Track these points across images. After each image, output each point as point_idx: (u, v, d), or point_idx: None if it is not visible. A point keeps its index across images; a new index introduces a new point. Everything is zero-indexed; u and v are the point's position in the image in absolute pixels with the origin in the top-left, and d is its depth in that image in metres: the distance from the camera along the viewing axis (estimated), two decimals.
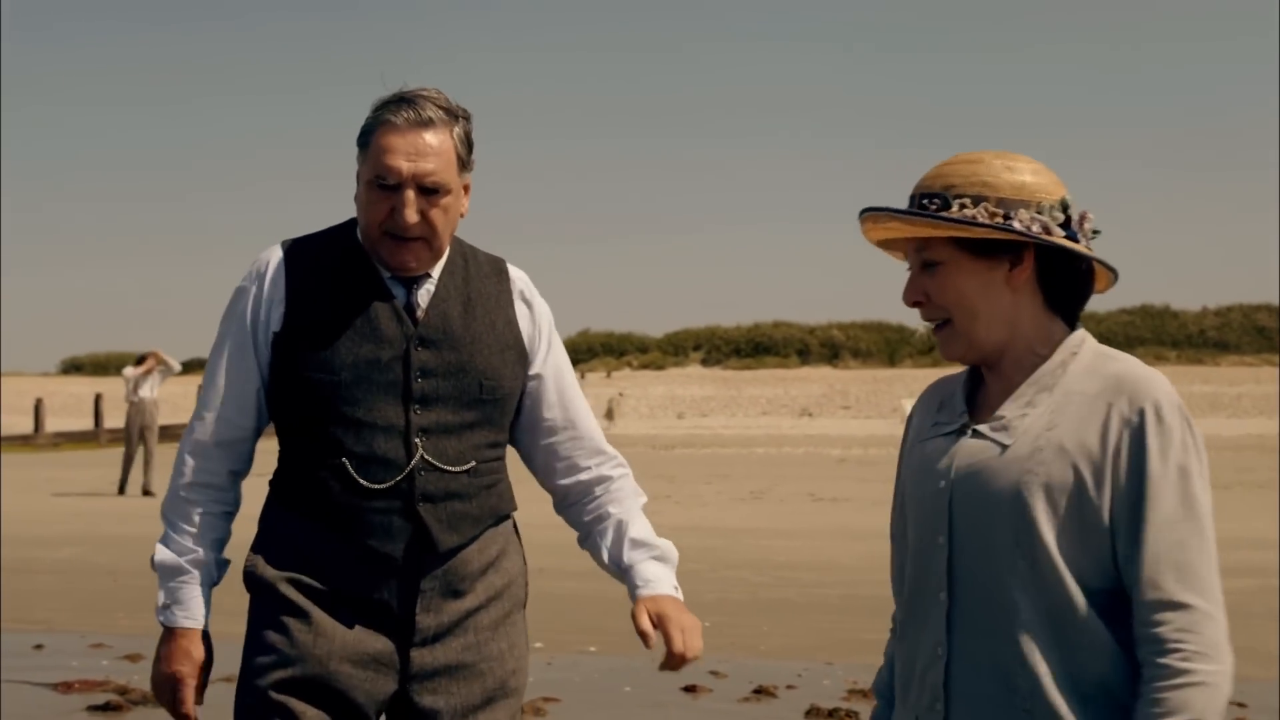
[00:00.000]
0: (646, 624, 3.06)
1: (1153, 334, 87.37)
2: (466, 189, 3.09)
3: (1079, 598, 2.27)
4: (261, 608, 3.08)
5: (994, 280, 2.35)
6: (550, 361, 3.24)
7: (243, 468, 3.16)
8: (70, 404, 64.23)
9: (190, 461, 3.10)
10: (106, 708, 7.51)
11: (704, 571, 12.90)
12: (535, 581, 3.42)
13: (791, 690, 8.08)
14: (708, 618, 10.43)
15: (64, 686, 8.06)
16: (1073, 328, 2.43)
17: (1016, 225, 2.31)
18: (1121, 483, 2.26)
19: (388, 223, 2.99)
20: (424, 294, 3.09)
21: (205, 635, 3.09)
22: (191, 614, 3.06)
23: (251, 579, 3.10)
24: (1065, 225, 2.36)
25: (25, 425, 47.51)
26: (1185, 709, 2.19)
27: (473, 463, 3.09)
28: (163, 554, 3.07)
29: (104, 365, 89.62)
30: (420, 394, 3.03)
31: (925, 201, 2.36)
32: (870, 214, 2.41)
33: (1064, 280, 2.38)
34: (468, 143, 3.07)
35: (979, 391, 2.46)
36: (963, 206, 2.32)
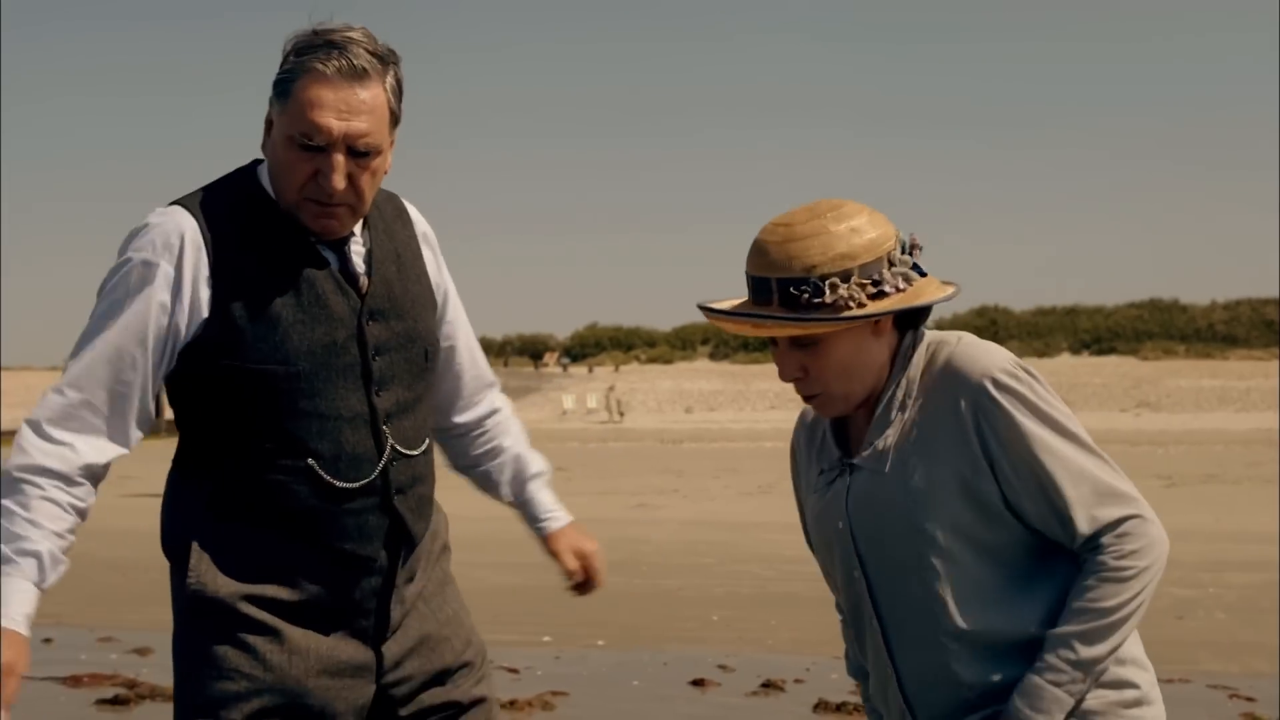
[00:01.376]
0: (572, 563, 3.08)
1: (1161, 328, 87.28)
2: (391, 146, 2.71)
3: (994, 584, 2.36)
4: (217, 630, 2.67)
5: (864, 337, 2.39)
6: (453, 303, 2.98)
7: (100, 470, 2.61)
8: None
9: (38, 442, 2.56)
10: (115, 701, 7.50)
11: (712, 566, 12.90)
12: (542, 576, 3.43)
13: (799, 684, 8.06)
14: (716, 612, 10.46)
15: (73, 680, 8.05)
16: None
17: (887, 289, 2.35)
18: (1004, 461, 2.33)
19: (310, 186, 2.62)
20: (356, 257, 2.73)
21: (17, 639, 2.52)
22: (10, 614, 2.50)
23: (200, 600, 2.67)
24: (910, 259, 2.41)
25: None
26: (1114, 596, 2.29)
27: (427, 441, 2.84)
28: None
29: None
30: (379, 375, 2.72)
31: (794, 291, 2.33)
32: (748, 319, 2.37)
33: (916, 310, 2.43)
34: (399, 93, 2.68)
35: (845, 425, 2.53)
36: (834, 288, 2.32)
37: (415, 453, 2.79)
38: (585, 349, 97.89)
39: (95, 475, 2.61)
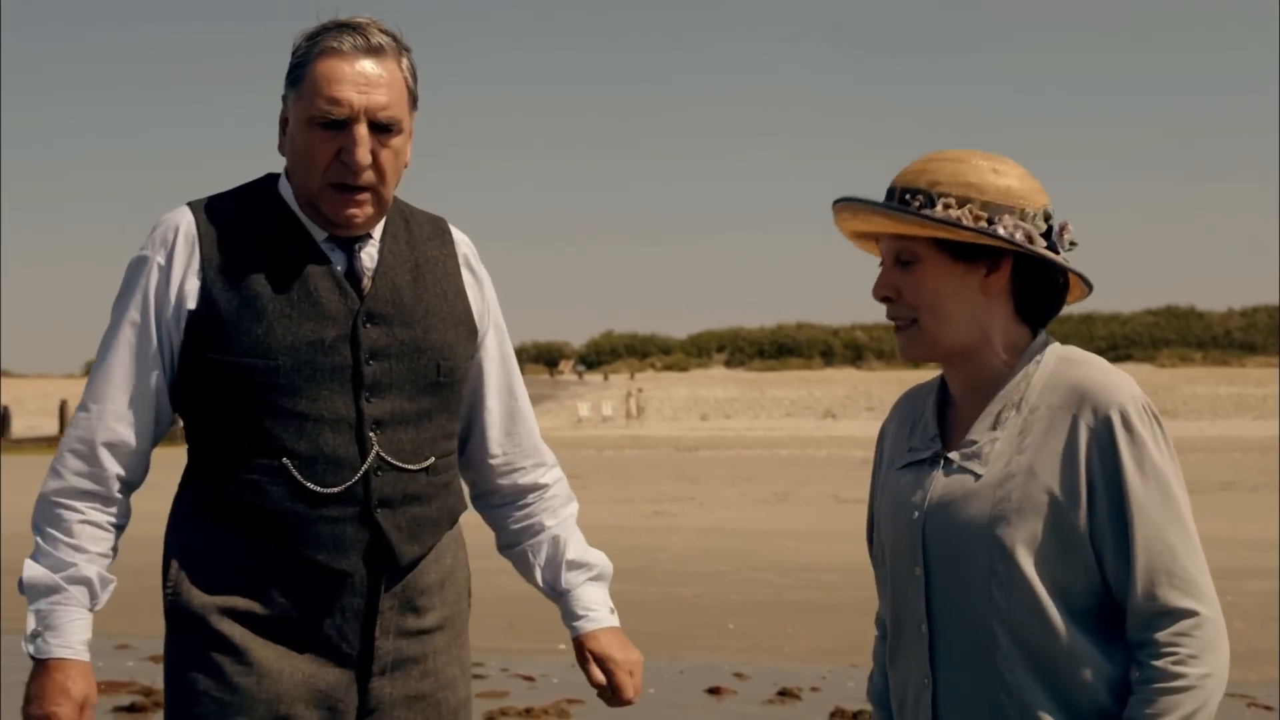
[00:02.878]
0: (598, 676, 2.86)
1: (1178, 335, 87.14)
2: (410, 134, 2.67)
3: (1062, 623, 2.23)
4: (189, 646, 2.59)
5: (969, 284, 2.29)
6: (496, 342, 2.86)
7: (135, 476, 2.63)
8: None
9: (72, 463, 2.57)
10: (132, 709, 7.53)
11: (728, 573, 12.89)
12: None
13: (815, 692, 8.06)
14: (732, 620, 10.45)
15: None
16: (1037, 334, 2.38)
17: (1000, 231, 2.26)
18: (1099, 497, 2.21)
19: (333, 168, 2.56)
20: (366, 260, 2.65)
21: (86, 668, 2.54)
22: (68, 641, 2.52)
23: (175, 610, 2.61)
24: (1046, 235, 2.30)
25: (50, 426, 47.68)
26: (1174, 710, 2.16)
27: (431, 459, 2.68)
28: (32, 570, 2.54)
29: None
30: (372, 380, 2.60)
31: (909, 197, 2.28)
32: (848, 204, 2.34)
33: (1038, 290, 2.33)
34: (415, 76, 2.66)
35: (948, 410, 2.41)
36: (947, 206, 2.26)
37: (411, 467, 2.65)
38: (601, 356, 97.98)
39: (130, 486, 2.63)
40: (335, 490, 2.57)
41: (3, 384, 67.45)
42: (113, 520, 2.60)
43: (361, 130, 2.55)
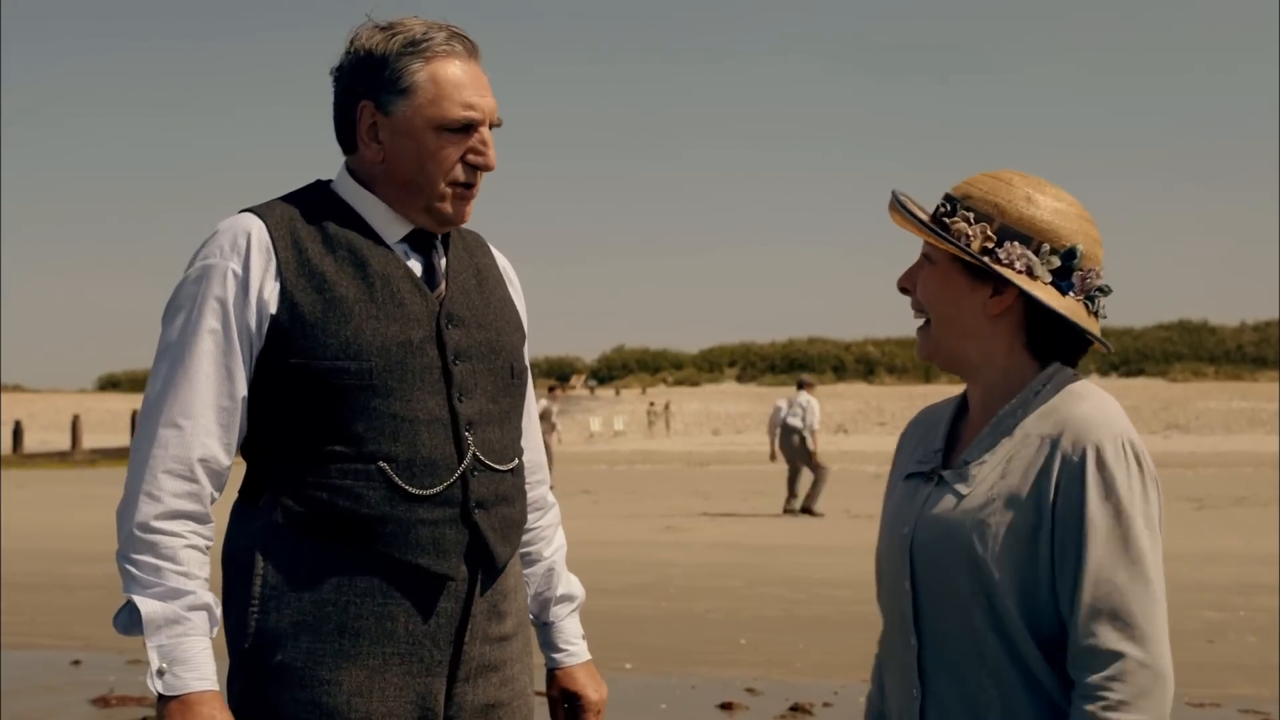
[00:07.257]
0: (560, 715, 2.94)
1: (1190, 350, 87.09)
2: None
3: (1035, 647, 2.23)
4: (275, 667, 2.51)
5: (973, 301, 2.31)
6: (527, 355, 2.86)
7: (219, 493, 2.53)
8: (107, 420, 64.57)
9: (169, 484, 2.44)
10: None
11: (740, 588, 12.87)
12: None
13: (828, 708, 8.05)
14: (744, 635, 10.44)
15: (101, 702, 8.10)
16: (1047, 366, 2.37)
17: (1000, 254, 2.27)
18: (1061, 527, 2.21)
19: (461, 170, 2.60)
20: (438, 264, 2.66)
21: (222, 699, 2.44)
22: (203, 673, 2.42)
23: (263, 631, 2.51)
24: (1061, 274, 2.29)
25: (63, 442, 47.79)
26: None
27: (515, 460, 2.69)
28: (148, 605, 2.42)
29: (140, 382, 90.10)
30: (460, 380, 2.58)
31: (942, 204, 2.34)
32: (892, 201, 2.40)
33: (1049, 327, 2.32)
34: None
35: (961, 426, 2.43)
36: (965, 220, 2.29)
37: (501, 468, 2.64)
38: (613, 371, 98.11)
39: (214, 500, 2.54)
40: (434, 492, 2.53)
41: (16, 399, 67.62)
42: (209, 543, 2.49)
43: (489, 133, 2.62)
